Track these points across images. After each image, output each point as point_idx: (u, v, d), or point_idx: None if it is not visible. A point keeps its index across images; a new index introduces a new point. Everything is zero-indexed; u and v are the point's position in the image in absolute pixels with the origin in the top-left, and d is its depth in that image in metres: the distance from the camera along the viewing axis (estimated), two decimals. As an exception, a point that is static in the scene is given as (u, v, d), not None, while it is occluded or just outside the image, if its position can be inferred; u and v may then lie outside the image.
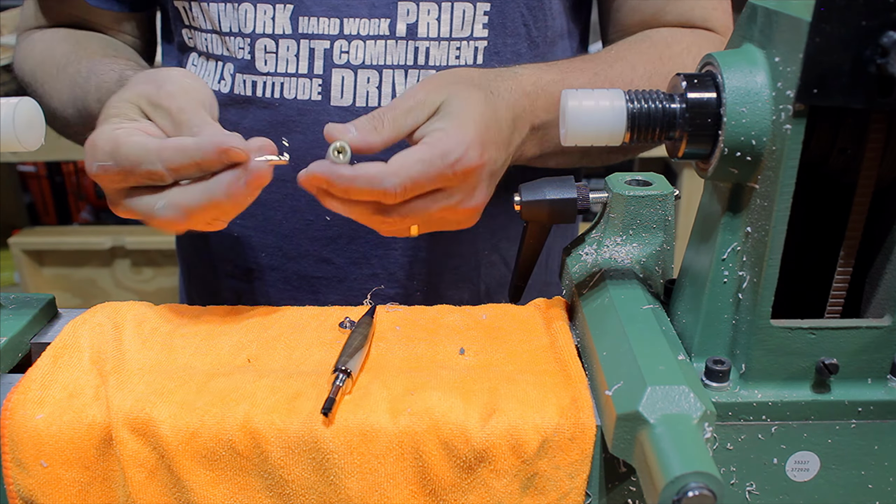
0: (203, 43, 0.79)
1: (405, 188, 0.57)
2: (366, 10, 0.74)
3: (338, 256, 0.82)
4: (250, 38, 0.76)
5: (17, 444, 0.50)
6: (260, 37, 0.76)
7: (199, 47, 0.80)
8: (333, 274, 0.82)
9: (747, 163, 0.47)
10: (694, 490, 0.40)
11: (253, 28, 0.76)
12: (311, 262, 0.82)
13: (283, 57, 0.76)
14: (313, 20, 0.75)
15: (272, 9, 0.75)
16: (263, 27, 0.75)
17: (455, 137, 0.58)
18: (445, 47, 0.76)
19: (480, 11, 0.75)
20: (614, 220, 0.59)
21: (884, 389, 0.50)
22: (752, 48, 0.47)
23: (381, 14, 0.74)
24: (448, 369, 0.55)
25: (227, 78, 0.78)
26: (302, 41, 0.75)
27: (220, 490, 0.50)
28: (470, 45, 0.76)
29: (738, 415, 0.50)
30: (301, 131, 0.77)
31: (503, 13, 0.76)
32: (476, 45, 0.76)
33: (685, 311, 0.55)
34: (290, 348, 0.58)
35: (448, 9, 0.75)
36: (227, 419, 0.49)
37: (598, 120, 0.49)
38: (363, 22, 0.75)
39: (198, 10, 0.78)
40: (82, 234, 2.32)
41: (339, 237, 0.81)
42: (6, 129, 0.52)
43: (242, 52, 0.77)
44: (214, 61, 0.79)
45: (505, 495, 0.50)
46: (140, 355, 0.57)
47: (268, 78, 0.77)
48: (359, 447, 0.49)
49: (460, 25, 0.75)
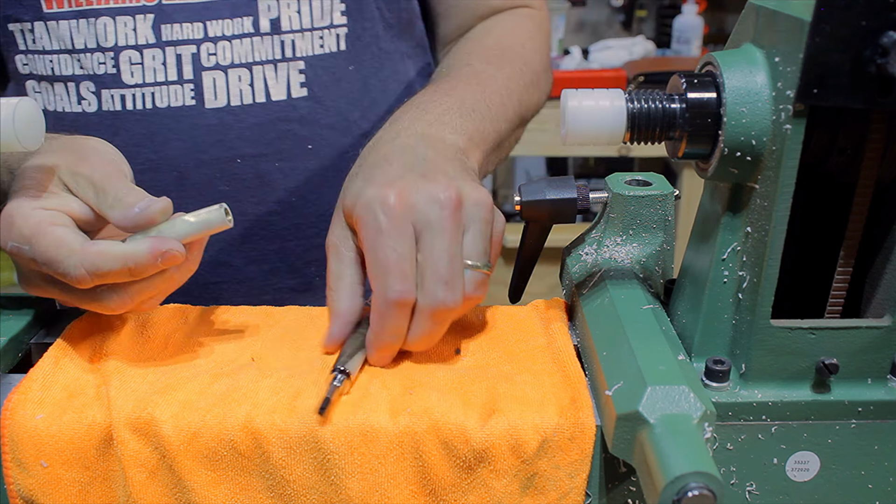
0: (46, 66, 0.76)
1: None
2: (228, 11, 0.75)
3: (234, 258, 0.81)
4: (113, 52, 0.75)
5: (18, 444, 0.50)
6: (123, 48, 0.75)
7: (41, 71, 0.77)
8: (233, 276, 0.82)
9: (747, 163, 0.47)
10: (694, 490, 0.40)
11: (115, 41, 0.75)
12: (208, 268, 0.79)
13: (149, 66, 0.75)
14: (176, 27, 0.75)
15: (132, 20, 0.74)
16: (125, 39, 0.75)
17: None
18: (309, 37, 0.77)
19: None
20: (614, 220, 0.59)
21: (884, 389, 0.50)
22: (752, 48, 0.47)
23: (243, 13, 0.75)
24: (446, 370, 0.55)
25: (88, 97, 0.77)
26: (168, 48, 0.75)
27: (222, 490, 0.50)
28: (332, 33, 0.78)
29: (738, 415, 0.50)
30: (178, 138, 0.77)
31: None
32: (337, 33, 0.79)
33: (685, 311, 0.55)
34: (295, 347, 0.58)
35: (307, 0, 0.76)
36: (228, 419, 0.49)
37: (597, 120, 0.49)
38: (227, 22, 0.75)
39: (41, 31, 0.75)
40: (82, 233, 2.32)
41: (232, 239, 0.80)
42: (6, 129, 0.51)
43: (104, 66, 0.75)
44: (64, 83, 0.77)
45: (505, 495, 0.50)
46: (144, 355, 0.57)
47: (137, 90, 0.76)
48: (359, 447, 0.49)
49: (320, 15, 0.77)
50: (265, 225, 0.81)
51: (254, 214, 0.80)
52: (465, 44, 0.86)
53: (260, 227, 0.81)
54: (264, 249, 0.81)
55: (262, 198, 0.80)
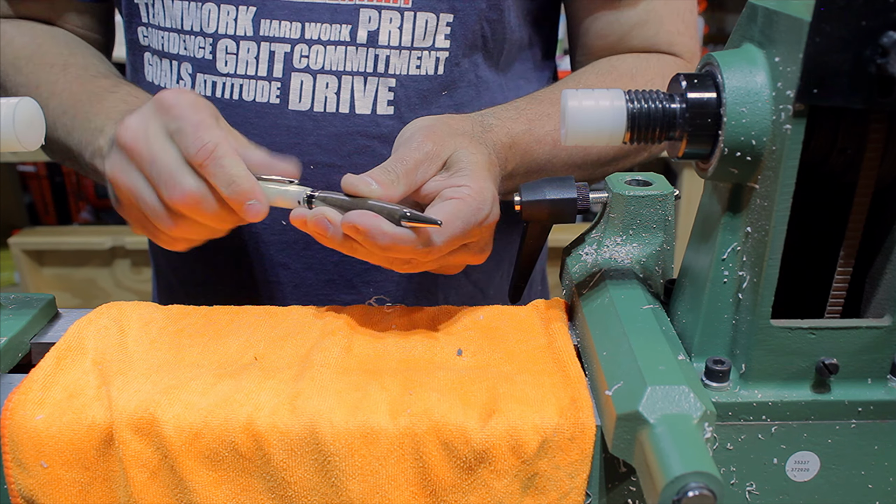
0: (159, 41, 0.79)
1: (445, 247, 0.57)
2: (328, 16, 0.75)
3: (294, 261, 0.81)
4: (212, 38, 0.76)
5: (18, 444, 0.50)
6: (222, 37, 0.76)
7: (155, 45, 0.80)
8: (289, 279, 0.82)
9: (747, 163, 0.47)
10: (694, 490, 0.40)
11: (216, 28, 0.76)
12: (266, 267, 0.82)
13: (243, 59, 0.76)
14: (275, 23, 0.75)
15: (235, 10, 0.75)
16: (226, 28, 0.76)
17: (483, 194, 0.59)
18: (406, 56, 0.76)
19: (443, 22, 0.76)
20: (614, 220, 0.59)
21: (884, 389, 0.50)
22: (752, 48, 0.47)
23: (342, 20, 0.75)
24: (446, 370, 0.55)
25: (185, 77, 0.78)
26: (262, 44, 0.75)
27: (223, 491, 0.50)
28: (431, 56, 0.76)
29: (738, 415, 0.50)
30: (258, 133, 0.77)
31: (465, 25, 0.76)
32: (437, 56, 0.77)
33: (685, 311, 0.55)
34: (297, 346, 0.58)
35: (410, 18, 0.75)
36: (230, 420, 0.50)
37: (598, 120, 0.49)
38: (324, 27, 0.75)
39: (160, 7, 0.77)
40: (82, 234, 2.32)
41: (294, 242, 0.80)
42: (6, 129, 0.52)
43: (203, 51, 0.77)
44: (170, 60, 0.79)
45: (505, 495, 0.50)
46: (148, 356, 0.57)
47: (227, 79, 0.77)
48: (360, 449, 0.49)
49: (422, 35, 0.75)
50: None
51: None
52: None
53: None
54: (324, 259, 0.81)
55: None
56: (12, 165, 2.36)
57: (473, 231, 0.59)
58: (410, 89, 0.77)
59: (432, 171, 0.61)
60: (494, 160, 0.65)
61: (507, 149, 0.69)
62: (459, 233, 0.57)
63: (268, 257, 0.81)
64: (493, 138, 0.68)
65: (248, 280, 0.83)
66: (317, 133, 0.77)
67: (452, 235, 0.57)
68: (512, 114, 0.72)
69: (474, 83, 0.80)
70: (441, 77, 0.77)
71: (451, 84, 0.78)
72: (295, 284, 0.82)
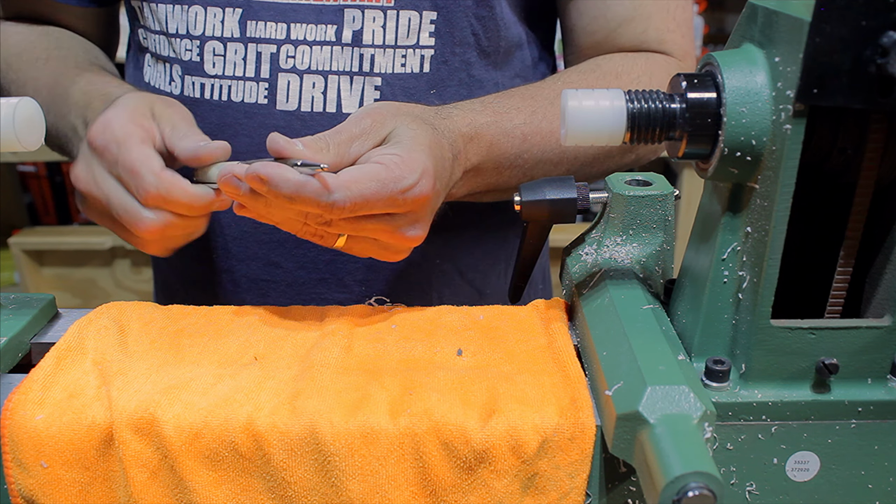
0: (153, 44, 0.80)
1: (354, 205, 0.56)
2: (313, 16, 0.75)
3: (286, 260, 0.81)
4: (199, 41, 0.77)
5: (18, 444, 0.50)
6: (209, 39, 0.76)
7: (151, 48, 0.80)
8: (282, 278, 0.82)
9: (747, 163, 0.47)
10: (694, 490, 0.40)
11: (203, 30, 0.76)
12: (259, 266, 0.82)
13: (230, 60, 0.76)
14: (261, 24, 0.75)
15: (221, 12, 0.75)
16: (213, 30, 0.76)
17: (411, 165, 0.58)
18: (391, 55, 0.76)
19: (427, 20, 0.75)
20: (614, 220, 0.59)
21: (884, 389, 0.50)
22: (752, 48, 0.47)
23: (327, 20, 0.75)
24: (446, 370, 0.55)
25: (176, 80, 0.79)
26: (249, 45, 0.76)
27: (223, 491, 0.50)
28: (416, 54, 0.76)
29: (738, 415, 0.50)
30: (247, 134, 0.77)
31: (450, 22, 0.76)
32: (422, 54, 0.77)
33: (685, 311, 0.55)
34: (297, 346, 0.58)
35: (393, 16, 0.75)
36: (230, 420, 0.50)
37: (597, 120, 0.49)
38: (310, 27, 0.75)
39: (148, 11, 0.78)
40: (82, 234, 2.32)
41: (286, 241, 0.80)
42: (6, 129, 0.52)
43: (190, 53, 0.77)
44: (163, 63, 0.80)
45: (505, 495, 0.50)
46: (148, 356, 0.57)
47: (215, 80, 0.77)
48: (360, 449, 0.49)
49: (406, 34, 0.75)
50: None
51: None
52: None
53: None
54: (316, 258, 0.81)
55: None
56: (12, 165, 2.36)
57: (395, 199, 0.57)
58: (396, 88, 0.77)
59: (368, 146, 0.60)
60: (444, 144, 0.64)
61: (467, 139, 0.68)
62: (371, 193, 0.56)
63: (259, 255, 0.82)
64: (450, 125, 0.67)
65: (242, 279, 0.83)
66: (305, 132, 0.76)
67: (362, 193, 0.56)
68: (477, 106, 0.72)
69: (466, 82, 0.79)
70: (427, 75, 0.77)
71: (440, 82, 0.78)
72: (288, 283, 0.82)
